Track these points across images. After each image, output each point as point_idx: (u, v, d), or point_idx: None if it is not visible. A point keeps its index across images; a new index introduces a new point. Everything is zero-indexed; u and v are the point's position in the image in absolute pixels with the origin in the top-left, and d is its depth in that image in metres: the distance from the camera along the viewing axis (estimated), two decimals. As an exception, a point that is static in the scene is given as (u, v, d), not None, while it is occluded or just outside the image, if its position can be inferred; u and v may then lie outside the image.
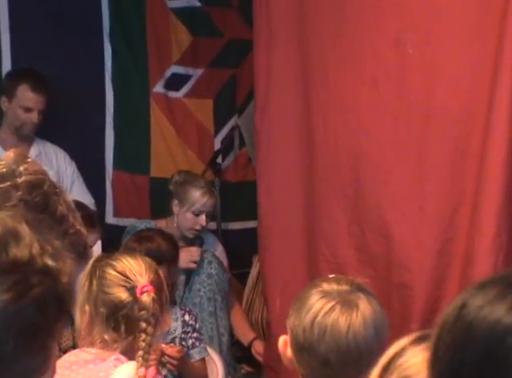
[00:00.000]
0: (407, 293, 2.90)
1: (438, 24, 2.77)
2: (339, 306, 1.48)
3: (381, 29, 2.92)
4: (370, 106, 2.98)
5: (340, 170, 3.11)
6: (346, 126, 3.08)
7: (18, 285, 0.72)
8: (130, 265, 1.82)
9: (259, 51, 3.35)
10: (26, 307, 0.73)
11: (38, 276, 0.74)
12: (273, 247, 3.36)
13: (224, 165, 4.45)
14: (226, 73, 4.54)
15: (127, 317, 1.78)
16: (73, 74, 4.07)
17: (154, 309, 1.77)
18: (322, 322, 1.48)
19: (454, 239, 2.80)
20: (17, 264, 0.73)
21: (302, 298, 1.54)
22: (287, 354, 1.57)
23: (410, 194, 2.88)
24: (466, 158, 2.76)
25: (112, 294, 1.80)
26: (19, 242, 0.75)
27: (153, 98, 4.36)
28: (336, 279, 1.56)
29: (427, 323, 2.87)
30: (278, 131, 3.31)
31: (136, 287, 1.78)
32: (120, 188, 4.29)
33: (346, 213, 3.10)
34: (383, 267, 2.98)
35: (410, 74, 2.87)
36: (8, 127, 3.76)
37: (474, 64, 2.71)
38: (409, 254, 2.90)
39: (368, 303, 1.50)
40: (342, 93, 3.07)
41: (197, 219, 3.58)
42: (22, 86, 3.71)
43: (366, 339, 1.48)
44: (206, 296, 3.56)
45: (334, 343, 1.47)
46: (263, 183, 3.39)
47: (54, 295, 0.75)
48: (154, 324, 1.77)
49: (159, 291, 1.83)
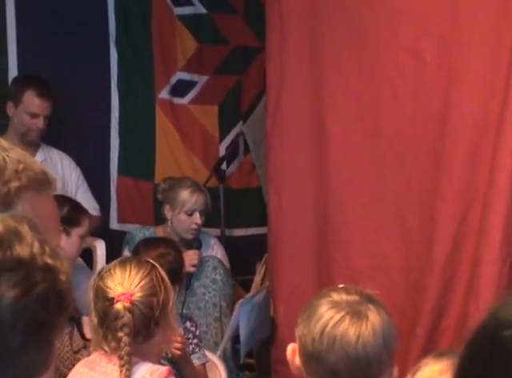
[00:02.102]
0: (421, 298, 2.91)
1: (454, 30, 2.79)
2: (349, 316, 1.49)
3: (398, 36, 2.93)
4: (388, 111, 3.00)
5: (356, 176, 3.12)
6: (363, 132, 3.09)
7: (24, 282, 0.74)
8: (115, 274, 1.85)
9: (271, 56, 3.37)
10: (32, 303, 0.75)
11: (40, 273, 0.76)
12: (282, 252, 3.37)
13: (228, 171, 4.45)
14: (231, 80, 4.56)
15: (109, 327, 1.82)
16: (79, 79, 4.08)
17: (126, 319, 1.78)
18: (331, 332, 1.48)
19: (461, 246, 2.81)
20: (21, 262, 0.75)
21: (311, 307, 1.54)
22: (295, 362, 1.57)
23: (426, 201, 2.90)
24: (478, 165, 2.77)
25: (98, 305, 1.85)
26: (21, 241, 0.77)
27: (158, 104, 4.37)
28: (345, 288, 1.57)
29: (432, 329, 2.88)
30: (289, 136, 3.32)
31: (114, 297, 1.82)
32: (124, 194, 4.30)
33: (361, 220, 3.11)
34: (399, 273, 2.99)
35: (427, 81, 2.88)
36: (14, 133, 3.77)
37: (490, 70, 2.73)
38: (424, 260, 2.91)
39: (377, 314, 1.51)
40: (359, 99, 3.08)
41: (191, 218, 3.59)
42: (28, 92, 3.72)
43: (375, 349, 1.49)
44: (212, 301, 3.57)
45: (343, 354, 1.47)
46: (273, 188, 3.40)
47: (55, 291, 0.78)
48: (129, 333, 1.77)
49: (147, 296, 1.83)
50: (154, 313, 1.83)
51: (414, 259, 2.97)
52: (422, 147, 2.93)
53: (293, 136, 3.31)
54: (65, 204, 3.17)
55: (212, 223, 3.97)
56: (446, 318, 2.86)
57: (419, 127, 2.94)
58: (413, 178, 2.97)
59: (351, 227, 3.14)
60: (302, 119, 3.28)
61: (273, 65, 3.35)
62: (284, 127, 3.33)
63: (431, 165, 2.90)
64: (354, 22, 3.08)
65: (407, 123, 2.97)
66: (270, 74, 3.40)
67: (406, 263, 2.99)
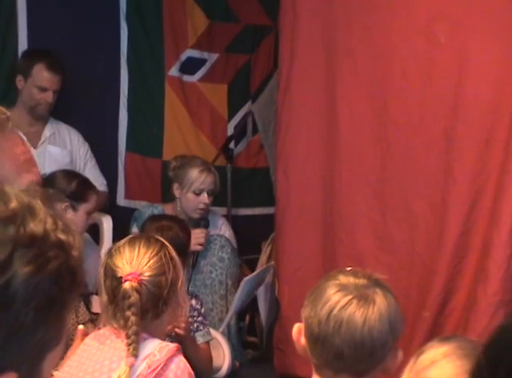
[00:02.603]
0: (426, 282, 2.92)
1: (468, 12, 2.77)
2: (356, 300, 1.49)
3: (411, 17, 2.91)
4: (398, 94, 2.99)
5: (364, 157, 3.12)
6: (372, 113, 3.08)
7: (38, 258, 0.75)
8: (124, 253, 1.86)
9: (284, 33, 3.37)
10: (45, 279, 0.75)
11: (53, 250, 0.77)
12: (288, 230, 3.38)
13: (236, 151, 4.45)
14: (242, 58, 4.54)
15: (118, 306, 1.83)
16: (88, 55, 4.07)
17: (133, 299, 1.79)
18: (338, 315, 1.48)
19: (471, 231, 2.81)
20: (34, 238, 0.76)
21: (319, 289, 1.54)
22: (301, 342, 1.58)
23: (434, 184, 2.90)
24: (491, 150, 2.76)
25: (107, 283, 1.86)
26: (35, 217, 0.77)
27: (167, 81, 4.35)
28: (353, 272, 1.56)
29: (439, 313, 2.89)
30: (299, 113, 3.32)
31: (122, 276, 1.82)
32: (132, 170, 4.30)
33: (367, 200, 3.11)
34: (405, 256, 3.00)
35: (439, 63, 2.87)
36: (23, 106, 3.77)
37: (503, 54, 2.71)
38: (431, 244, 2.91)
39: (384, 299, 1.51)
40: (370, 81, 3.07)
41: (199, 198, 3.60)
42: (37, 65, 3.71)
43: (380, 334, 1.49)
44: (218, 279, 3.59)
45: (348, 337, 1.48)
46: (281, 165, 3.40)
47: (67, 268, 0.78)
48: (137, 313, 1.79)
49: (156, 275, 1.84)
50: (163, 292, 1.84)
51: (420, 242, 2.97)
52: (432, 130, 2.92)
53: (303, 114, 3.31)
54: (73, 179, 3.17)
55: (219, 201, 3.98)
56: (453, 301, 2.87)
57: (429, 110, 2.93)
58: (420, 160, 2.96)
59: (358, 208, 3.15)
60: (313, 98, 3.28)
61: (285, 41, 3.35)
62: (294, 105, 3.33)
63: (442, 148, 2.89)
64: (367, 3, 3.06)
65: (416, 105, 2.95)
66: (282, 51, 3.40)
67: (412, 245, 2.99)
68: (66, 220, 0.82)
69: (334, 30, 3.17)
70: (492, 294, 2.64)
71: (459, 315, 2.83)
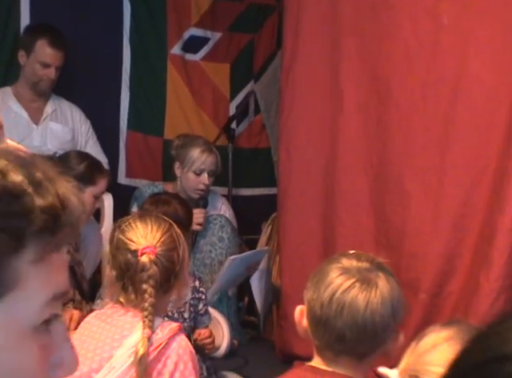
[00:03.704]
0: (417, 263, 2.93)
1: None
2: (359, 283, 1.49)
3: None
4: (401, 75, 2.99)
5: (367, 137, 3.12)
6: (376, 94, 3.08)
7: None
8: (137, 228, 1.87)
9: (289, 11, 3.35)
10: None
11: None
12: (289, 209, 3.39)
13: (238, 131, 4.44)
14: (244, 38, 4.52)
15: (132, 279, 1.84)
16: (91, 32, 4.05)
17: (152, 271, 1.80)
18: (340, 298, 1.49)
19: (469, 214, 2.81)
20: None
21: (321, 272, 1.55)
22: (302, 324, 1.59)
23: (431, 166, 2.90)
24: (491, 134, 2.75)
25: (119, 257, 1.86)
26: None
27: (170, 59, 4.34)
28: (356, 255, 1.57)
29: (436, 295, 2.90)
30: (303, 92, 3.32)
31: (138, 249, 1.83)
32: (133, 149, 4.29)
33: (369, 180, 3.12)
34: (396, 237, 3.01)
35: (444, 45, 2.86)
36: (25, 82, 3.75)
37: (509, 38, 2.70)
38: (423, 225, 2.92)
39: (387, 282, 1.51)
40: (374, 61, 3.07)
41: (199, 178, 3.60)
42: (40, 41, 3.68)
43: (382, 317, 1.50)
44: (218, 259, 3.59)
45: (351, 320, 1.48)
46: (284, 144, 3.40)
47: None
48: (155, 285, 1.80)
49: (168, 250, 1.85)
50: (175, 267, 1.86)
51: (412, 223, 2.97)
52: (432, 112, 2.92)
53: (306, 93, 3.31)
54: (84, 161, 3.10)
55: (220, 181, 3.98)
56: (450, 284, 2.88)
57: (430, 92, 2.92)
58: (417, 142, 2.96)
59: (359, 188, 3.16)
60: (316, 77, 3.27)
61: (290, 21, 3.34)
62: (297, 83, 3.32)
63: (441, 130, 2.89)
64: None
65: (418, 87, 2.95)
66: (286, 31, 3.38)
67: (403, 226, 2.99)
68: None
69: (341, 9, 3.15)
70: (494, 279, 2.65)
71: (457, 297, 2.85)
